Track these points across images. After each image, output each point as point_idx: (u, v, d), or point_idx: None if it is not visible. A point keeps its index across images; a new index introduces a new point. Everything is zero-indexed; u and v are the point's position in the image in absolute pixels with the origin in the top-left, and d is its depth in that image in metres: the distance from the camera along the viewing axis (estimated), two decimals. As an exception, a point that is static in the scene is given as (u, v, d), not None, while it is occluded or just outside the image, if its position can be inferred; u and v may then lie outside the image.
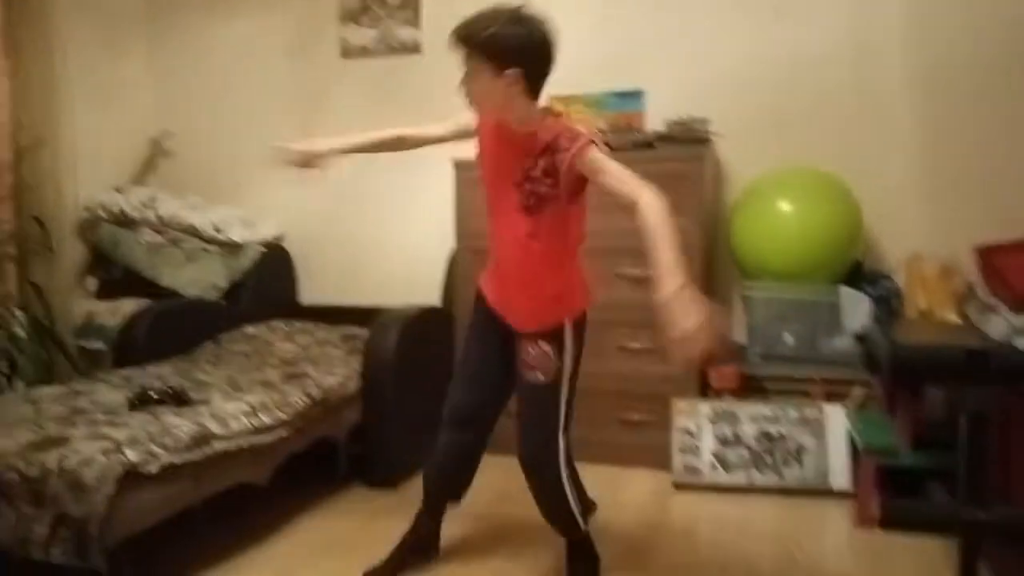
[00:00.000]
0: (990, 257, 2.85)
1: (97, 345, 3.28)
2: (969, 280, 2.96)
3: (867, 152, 3.18)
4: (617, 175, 1.82)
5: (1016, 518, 1.75)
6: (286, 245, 3.92)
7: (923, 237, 3.05)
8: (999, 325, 2.61)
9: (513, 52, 1.85)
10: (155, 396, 2.37)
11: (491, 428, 2.20)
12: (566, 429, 2.08)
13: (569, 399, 2.07)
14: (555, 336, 2.02)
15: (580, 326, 2.07)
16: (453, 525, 2.40)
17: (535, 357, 2.03)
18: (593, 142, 1.87)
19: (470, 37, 1.86)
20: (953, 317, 2.81)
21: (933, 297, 2.85)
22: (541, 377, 2.02)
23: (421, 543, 2.30)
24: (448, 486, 2.28)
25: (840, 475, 2.72)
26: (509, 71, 1.85)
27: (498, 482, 2.66)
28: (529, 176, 1.94)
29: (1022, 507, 1.88)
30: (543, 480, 2.08)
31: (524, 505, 2.37)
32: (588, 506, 2.38)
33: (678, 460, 2.83)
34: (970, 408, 1.87)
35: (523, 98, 1.90)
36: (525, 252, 2.00)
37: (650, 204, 1.74)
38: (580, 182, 1.92)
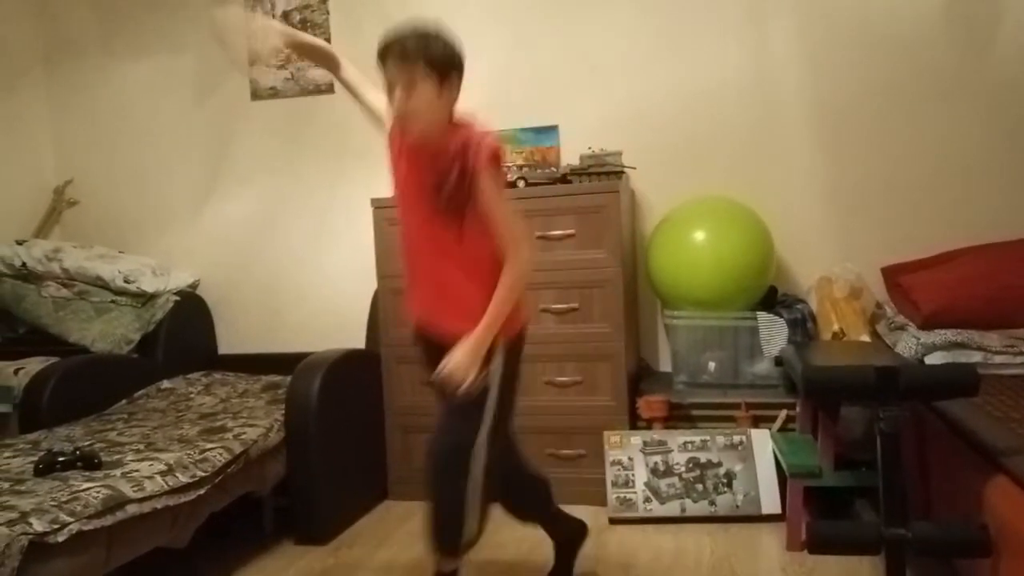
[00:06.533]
0: (896, 276, 2.96)
1: (2, 408, 3.09)
2: (878, 300, 3.07)
3: (773, 180, 3.27)
4: (503, 220, 1.90)
5: (937, 534, 1.80)
6: (201, 293, 3.80)
7: (832, 260, 3.14)
8: (908, 343, 2.70)
9: (451, 64, 1.88)
10: (63, 460, 2.25)
11: None
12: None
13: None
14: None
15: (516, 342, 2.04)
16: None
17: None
18: (493, 159, 1.89)
19: (417, 50, 1.83)
20: (864, 337, 2.90)
21: (844, 318, 2.93)
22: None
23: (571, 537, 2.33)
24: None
25: (770, 499, 2.76)
26: (448, 83, 1.87)
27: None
28: (447, 180, 1.92)
29: (943, 522, 1.93)
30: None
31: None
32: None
33: (612, 494, 2.83)
34: (883, 427, 1.91)
35: (448, 109, 1.92)
36: (441, 257, 1.96)
37: (514, 267, 1.90)
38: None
